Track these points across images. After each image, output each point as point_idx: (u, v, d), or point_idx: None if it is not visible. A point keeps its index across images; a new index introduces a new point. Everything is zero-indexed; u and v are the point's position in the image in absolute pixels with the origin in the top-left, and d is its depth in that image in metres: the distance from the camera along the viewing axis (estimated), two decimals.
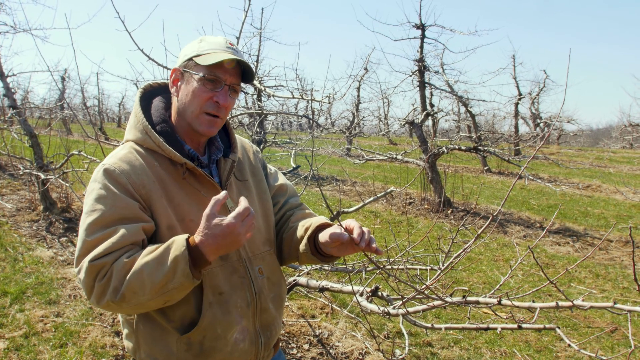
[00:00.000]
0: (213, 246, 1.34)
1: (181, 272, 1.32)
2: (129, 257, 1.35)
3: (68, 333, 3.99)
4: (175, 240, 1.36)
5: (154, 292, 1.32)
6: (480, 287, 5.51)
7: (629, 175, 16.71)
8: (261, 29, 9.27)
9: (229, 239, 1.34)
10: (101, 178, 1.43)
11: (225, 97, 1.52)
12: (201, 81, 1.50)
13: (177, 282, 1.33)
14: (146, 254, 1.34)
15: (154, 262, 1.32)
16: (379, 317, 4.43)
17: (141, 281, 1.31)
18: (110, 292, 1.32)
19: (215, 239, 1.34)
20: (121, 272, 1.32)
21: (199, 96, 1.50)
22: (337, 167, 16.16)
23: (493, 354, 3.99)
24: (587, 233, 8.29)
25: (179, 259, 1.32)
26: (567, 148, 30.85)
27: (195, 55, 1.52)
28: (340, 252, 1.57)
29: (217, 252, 1.36)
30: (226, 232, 1.33)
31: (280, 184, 1.85)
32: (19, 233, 6.70)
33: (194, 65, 1.52)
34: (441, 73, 11.32)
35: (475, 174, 16.40)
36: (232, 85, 1.54)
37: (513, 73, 23.41)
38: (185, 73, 1.53)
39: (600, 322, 4.67)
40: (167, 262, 1.32)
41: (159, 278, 1.31)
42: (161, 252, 1.34)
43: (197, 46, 1.54)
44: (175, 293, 1.36)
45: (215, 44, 1.53)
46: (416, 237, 7.35)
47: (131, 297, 1.32)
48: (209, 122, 1.53)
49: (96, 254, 1.33)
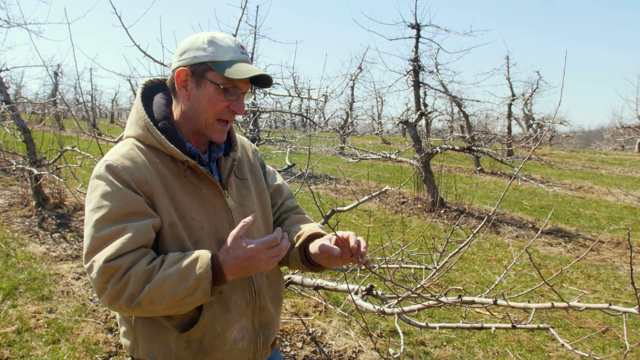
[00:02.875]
0: (234, 267, 1.37)
1: (202, 289, 1.34)
2: (148, 263, 1.35)
3: (61, 329, 3.97)
4: (201, 257, 1.36)
5: (171, 304, 1.34)
6: (473, 287, 5.54)
7: (621, 177, 16.83)
8: (256, 26, 9.24)
9: (250, 263, 1.36)
10: (104, 174, 1.41)
11: (242, 105, 1.52)
12: (218, 89, 1.48)
13: (195, 297, 1.34)
14: (169, 265, 1.35)
15: (177, 276, 1.33)
16: (372, 316, 4.44)
17: (161, 292, 1.32)
18: (126, 297, 1.31)
19: (237, 261, 1.36)
20: (140, 280, 1.32)
21: (215, 105, 1.49)
22: (331, 165, 16.17)
23: (485, 354, 4.01)
24: (579, 234, 8.35)
25: (202, 277, 1.33)
26: (559, 149, 31.02)
27: (210, 60, 1.47)
28: (329, 263, 1.59)
29: (237, 273, 1.39)
30: (248, 256, 1.35)
31: (278, 185, 1.85)
32: (11, 229, 6.66)
33: (208, 69, 1.47)
34: (435, 73, 11.37)
35: (468, 174, 16.46)
36: (245, 92, 1.54)
37: (507, 74, 23.56)
38: (198, 77, 1.49)
39: (591, 323, 4.71)
40: (190, 278, 1.33)
41: (180, 292, 1.33)
42: (185, 266, 1.34)
43: (210, 50, 1.48)
44: (189, 306, 1.38)
45: (229, 48, 1.49)
46: (410, 236, 7.37)
47: (147, 305, 1.33)
48: (221, 131, 1.53)
49: (109, 255, 1.32)
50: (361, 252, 1.50)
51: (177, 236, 1.46)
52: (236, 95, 1.50)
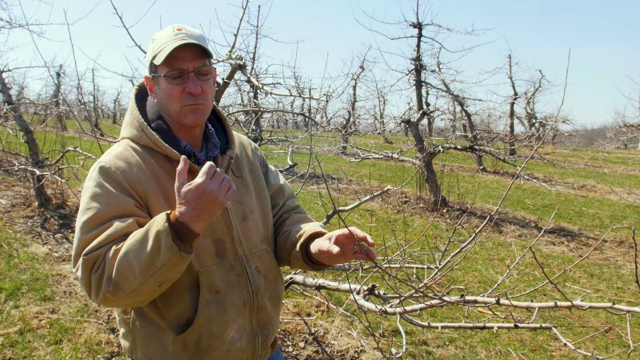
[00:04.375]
0: (193, 213, 1.32)
1: (165, 245, 1.28)
2: (118, 244, 1.33)
3: (63, 330, 3.98)
4: (156, 218, 1.33)
5: (142, 272, 1.30)
6: (475, 286, 5.52)
7: (624, 176, 16.79)
8: (258, 26, 9.24)
9: (205, 200, 1.32)
10: (97, 176, 1.42)
11: (195, 84, 1.48)
12: (167, 79, 1.48)
13: (164, 257, 1.29)
14: (130, 237, 1.33)
15: (137, 243, 1.30)
16: (374, 316, 4.43)
17: (128, 264, 1.29)
18: (105, 282, 1.31)
19: (191, 205, 1.31)
20: (112, 260, 1.31)
21: (171, 94, 1.49)
22: (333, 165, 16.16)
23: (488, 353, 4.01)
24: (582, 233, 8.33)
25: (160, 233, 1.29)
26: (562, 148, 30.96)
27: (152, 57, 1.51)
28: (332, 261, 1.58)
29: (199, 218, 1.33)
30: (198, 195, 1.31)
31: (280, 185, 1.85)
32: (14, 229, 6.67)
33: (155, 67, 1.51)
34: (437, 72, 11.35)
35: (470, 173, 16.44)
36: (197, 70, 1.50)
37: (509, 73, 23.45)
38: (154, 77, 1.53)
39: (594, 322, 4.69)
40: (149, 239, 1.29)
41: (145, 257, 1.29)
42: (144, 231, 1.32)
43: (152, 47, 1.53)
44: (165, 271, 1.32)
45: (164, 37, 1.50)
46: (412, 235, 7.36)
47: (123, 282, 1.30)
48: (191, 110, 1.50)
49: (90, 248, 1.33)
50: (370, 242, 1.49)
51: None
52: (183, 77, 1.48)
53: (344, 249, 1.52)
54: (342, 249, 1.51)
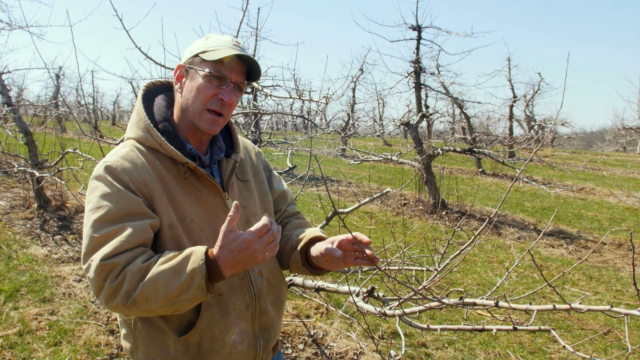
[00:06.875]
0: (230, 262, 1.34)
1: (197, 285, 1.31)
2: (144, 261, 1.34)
3: (62, 331, 3.97)
4: (195, 252, 1.34)
5: (166, 301, 1.32)
6: (474, 289, 5.53)
7: (622, 178, 16.80)
8: (257, 28, 9.25)
9: (245, 255, 1.33)
10: (104, 175, 1.42)
11: (230, 94, 1.51)
12: (206, 78, 1.49)
13: (191, 294, 1.32)
14: (163, 262, 1.34)
15: (170, 271, 1.31)
16: (373, 318, 4.43)
17: (155, 289, 1.31)
18: (122, 296, 1.31)
19: (231, 254, 1.33)
20: (135, 277, 1.31)
21: (203, 92, 1.49)
22: (332, 167, 16.17)
23: (487, 355, 4.01)
24: (581, 235, 8.33)
25: (196, 272, 1.31)
26: (561, 150, 30.96)
27: (201, 51, 1.51)
28: (332, 266, 1.59)
29: (234, 268, 1.35)
30: (242, 248, 1.32)
31: (283, 190, 1.86)
32: (13, 231, 6.66)
33: (199, 61, 1.51)
34: (437, 74, 11.34)
35: (469, 175, 16.45)
36: (238, 84, 1.52)
37: (508, 75, 23.51)
38: (190, 69, 1.52)
39: (593, 324, 4.70)
40: (184, 273, 1.31)
41: (174, 288, 1.31)
42: (179, 261, 1.33)
43: (204, 43, 1.53)
44: (186, 304, 1.35)
45: (222, 41, 1.52)
46: (411, 238, 7.37)
47: (142, 303, 1.31)
48: (210, 121, 1.52)
49: (106, 253, 1.32)
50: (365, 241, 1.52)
51: (176, 238, 1.46)
52: (225, 83, 1.50)
53: (344, 255, 1.53)
54: (343, 254, 1.52)
